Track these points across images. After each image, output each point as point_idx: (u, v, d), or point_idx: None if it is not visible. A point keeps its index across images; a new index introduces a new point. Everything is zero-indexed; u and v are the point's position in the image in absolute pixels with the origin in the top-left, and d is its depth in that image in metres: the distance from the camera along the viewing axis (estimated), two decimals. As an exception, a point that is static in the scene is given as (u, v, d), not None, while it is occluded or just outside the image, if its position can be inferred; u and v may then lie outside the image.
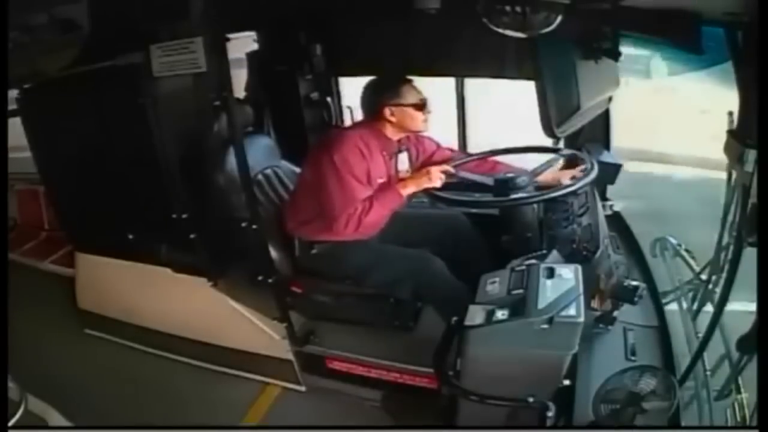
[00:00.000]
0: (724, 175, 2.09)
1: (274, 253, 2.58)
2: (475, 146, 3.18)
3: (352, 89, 3.22)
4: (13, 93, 2.69)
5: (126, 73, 2.40)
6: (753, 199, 1.59)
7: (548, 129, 2.31)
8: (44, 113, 2.73)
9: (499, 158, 2.73)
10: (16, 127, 2.76)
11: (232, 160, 2.40)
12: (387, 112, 2.54)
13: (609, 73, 2.62)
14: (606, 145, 3.01)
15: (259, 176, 2.78)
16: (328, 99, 3.43)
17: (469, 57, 2.94)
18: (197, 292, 2.73)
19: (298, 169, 2.79)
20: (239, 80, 3.21)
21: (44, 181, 2.98)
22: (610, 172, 2.86)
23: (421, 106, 2.56)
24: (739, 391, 1.91)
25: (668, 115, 5.87)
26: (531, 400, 1.92)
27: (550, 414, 1.90)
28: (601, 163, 2.57)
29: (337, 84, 3.46)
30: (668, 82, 5.41)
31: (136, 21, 2.29)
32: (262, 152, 2.85)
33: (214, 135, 2.48)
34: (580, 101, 2.38)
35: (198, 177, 2.53)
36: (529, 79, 2.39)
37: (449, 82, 3.20)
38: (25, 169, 3.12)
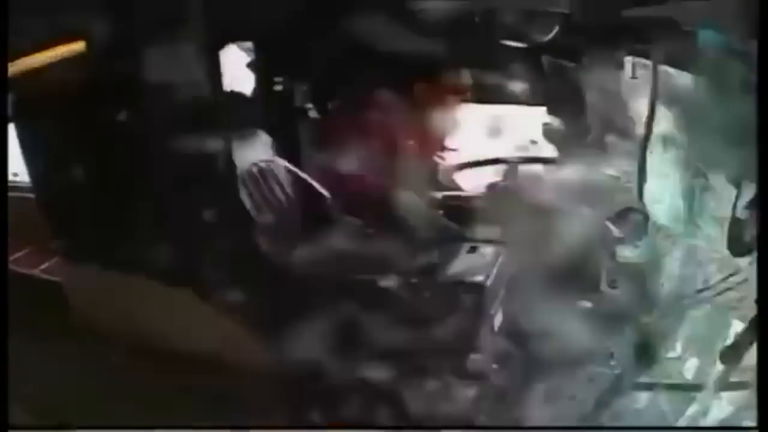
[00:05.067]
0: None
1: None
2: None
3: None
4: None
5: (121, 79, 2.40)
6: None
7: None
8: (37, 120, 2.71)
9: None
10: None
11: (224, 158, 2.40)
12: None
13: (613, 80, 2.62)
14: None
15: (253, 169, 2.76)
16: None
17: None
18: (189, 305, 2.69)
19: (291, 166, 2.78)
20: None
21: (35, 189, 2.95)
22: None
23: None
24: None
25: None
26: None
27: None
28: None
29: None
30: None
31: (132, 28, 2.29)
32: (256, 148, 2.85)
33: (209, 138, 2.48)
34: (592, 116, 2.38)
35: (192, 184, 2.52)
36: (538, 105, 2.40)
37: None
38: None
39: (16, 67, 2.46)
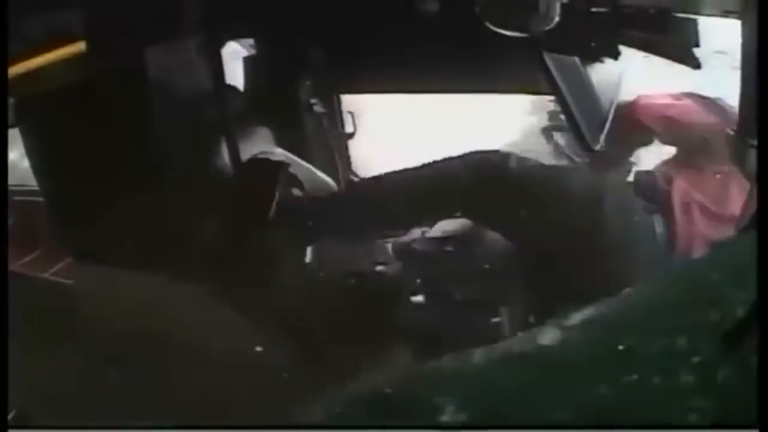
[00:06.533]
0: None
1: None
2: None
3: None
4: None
5: (123, 78, 2.39)
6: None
7: (583, 143, 2.28)
8: (42, 122, 2.71)
9: None
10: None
11: (225, 152, 2.39)
12: None
13: (615, 72, 2.58)
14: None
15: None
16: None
17: (476, 69, 2.87)
18: (199, 301, 2.70)
19: (293, 156, 2.78)
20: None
21: (43, 191, 2.96)
22: None
23: None
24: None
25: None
26: None
27: None
28: None
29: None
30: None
31: (132, 26, 2.29)
32: (255, 139, 2.85)
33: (210, 134, 2.47)
34: (605, 107, 2.35)
35: (197, 180, 2.52)
36: (544, 93, 2.37)
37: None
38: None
39: (17, 69, 2.48)
